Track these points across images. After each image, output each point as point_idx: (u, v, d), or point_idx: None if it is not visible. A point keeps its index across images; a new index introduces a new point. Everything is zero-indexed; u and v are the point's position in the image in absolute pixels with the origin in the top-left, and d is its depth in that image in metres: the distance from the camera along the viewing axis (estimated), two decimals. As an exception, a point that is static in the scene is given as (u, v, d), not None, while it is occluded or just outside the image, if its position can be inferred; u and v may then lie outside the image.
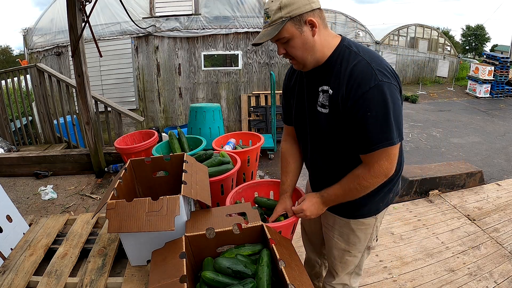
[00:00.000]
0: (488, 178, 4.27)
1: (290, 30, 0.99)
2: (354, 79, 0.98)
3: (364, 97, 0.96)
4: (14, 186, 2.80)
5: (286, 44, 1.03)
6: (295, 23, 0.98)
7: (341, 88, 1.01)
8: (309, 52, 1.03)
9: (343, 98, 1.01)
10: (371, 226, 1.30)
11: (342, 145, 1.12)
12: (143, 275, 1.08)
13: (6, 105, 4.16)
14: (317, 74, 1.11)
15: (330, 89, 1.06)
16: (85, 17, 2.54)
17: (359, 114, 0.98)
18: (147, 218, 0.99)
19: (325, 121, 1.11)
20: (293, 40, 1.00)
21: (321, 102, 1.10)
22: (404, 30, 13.11)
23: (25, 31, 6.64)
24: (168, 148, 2.07)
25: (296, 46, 1.02)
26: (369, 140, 1.01)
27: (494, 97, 10.73)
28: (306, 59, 1.05)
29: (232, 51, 6.42)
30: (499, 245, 2.56)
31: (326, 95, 1.07)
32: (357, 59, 1.00)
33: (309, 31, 1.00)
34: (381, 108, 0.97)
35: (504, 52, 14.60)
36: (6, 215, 1.26)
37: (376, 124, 0.98)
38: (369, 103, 0.96)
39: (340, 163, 1.18)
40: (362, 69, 0.98)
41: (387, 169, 1.05)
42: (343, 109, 1.02)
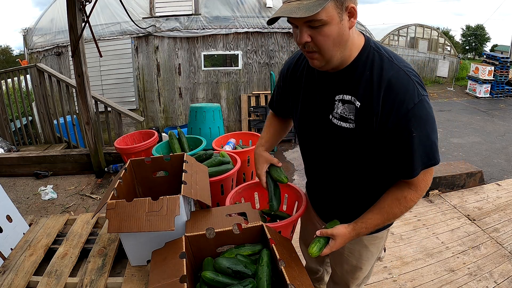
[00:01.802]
0: (488, 178, 4.27)
1: (331, 12, 0.78)
2: (396, 94, 0.83)
3: (409, 116, 0.83)
4: (14, 186, 2.81)
5: (317, 30, 0.80)
6: (337, 5, 0.78)
7: (375, 103, 0.85)
8: (340, 47, 0.84)
9: (381, 116, 0.85)
10: (383, 239, 1.23)
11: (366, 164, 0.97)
12: (143, 275, 1.08)
13: (6, 105, 4.16)
14: (336, 78, 0.93)
15: (356, 100, 0.89)
16: (85, 17, 2.54)
17: (404, 135, 0.85)
18: (147, 218, 0.99)
19: (348, 137, 0.94)
20: (329, 26, 0.79)
21: (340, 114, 0.93)
22: (404, 30, 13.11)
23: (25, 31, 6.64)
24: (168, 148, 2.07)
25: (330, 35, 0.81)
26: (414, 163, 0.88)
27: (494, 97, 10.73)
28: (334, 55, 0.85)
29: (232, 51, 6.42)
30: (499, 245, 2.56)
31: (350, 106, 0.91)
32: (393, 68, 0.86)
33: (347, 21, 0.82)
34: (426, 127, 0.85)
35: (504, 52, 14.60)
36: (6, 215, 1.26)
37: (423, 144, 0.86)
38: (414, 122, 0.83)
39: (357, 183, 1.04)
40: (402, 82, 0.84)
41: (429, 183, 0.95)
42: (380, 129, 0.87)
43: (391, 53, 0.90)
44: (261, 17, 6.20)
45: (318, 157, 1.09)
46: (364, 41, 0.90)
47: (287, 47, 6.43)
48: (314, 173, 1.19)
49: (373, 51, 0.89)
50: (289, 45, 6.43)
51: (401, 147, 0.87)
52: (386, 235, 1.23)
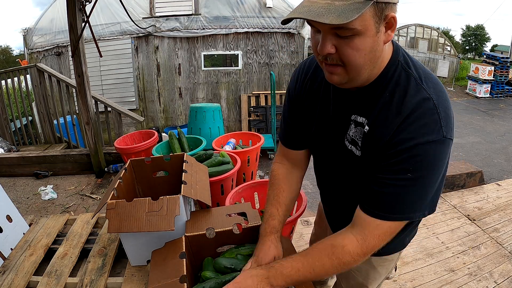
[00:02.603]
0: (488, 178, 4.27)
1: (367, 21, 0.61)
2: (411, 122, 0.67)
3: (415, 151, 0.67)
4: (14, 186, 2.81)
5: (345, 40, 0.63)
6: (376, 13, 0.61)
7: (386, 130, 0.70)
8: (370, 65, 0.68)
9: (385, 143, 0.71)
10: (393, 261, 1.10)
11: None
12: (143, 275, 1.08)
13: (6, 105, 4.16)
14: (354, 95, 0.78)
15: (366, 124, 0.75)
16: (85, 17, 2.54)
17: (397, 168, 0.69)
18: (147, 218, 0.99)
19: (353, 164, 0.82)
20: (362, 38, 0.62)
21: (352, 136, 0.80)
22: (404, 30, 13.11)
23: (25, 31, 6.63)
24: (168, 148, 2.08)
25: (362, 49, 0.64)
26: (390, 204, 0.72)
27: (494, 97, 10.73)
28: (360, 74, 0.69)
29: (232, 51, 6.42)
30: (499, 245, 2.56)
31: (361, 130, 0.77)
32: (421, 95, 0.68)
33: (383, 33, 0.65)
34: (428, 174, 0.69)
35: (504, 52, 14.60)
36: (6, 215, 1.26)
37: (411, 191, 0.70)
38: (418, 162, 0.67)
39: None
40: (425, 113, 0.67)
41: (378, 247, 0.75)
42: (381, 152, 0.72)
43: (422, 72, 0.72)
44: (261, 17, 6.20)
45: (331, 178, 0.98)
46: (392, 53, 0.73)
47: (287, 47, 6.43)
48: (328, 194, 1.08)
49: (401, 69, 0.72)
50: (289, 45, 6.43)
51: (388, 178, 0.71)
52: (397, 257, 1.10)
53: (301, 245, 2.35)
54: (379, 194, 0.73)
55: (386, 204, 0.72)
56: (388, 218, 0.72)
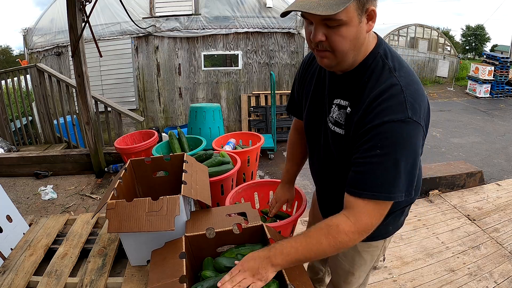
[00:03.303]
0: (488, 178, 4.27)
1: (351, 13, 0.74)
2: (379, 103, 0.78)
3: (381, 128, 0.76)
4: (14, 186, 2.81)
5: (333, 29, 0.76)
6: (359, 6, 0.75)
7: (359, 112, 0.82)
8: (354, 50, 0.81)
9: (359, 119, 0.82)
10: (379, 248, 1.16)
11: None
12: (143, 275, 1.08)
13: (6, 105, 4.16)
14: (338, 81, 0.91)
15: (348, 106, 0.87)
16: (85, 17, 2.54)
17: (367, 146, 0.79)
18: (147, 218, 0.99)
19: (337, 142, 0.92)
20: (347, 27, 0.76)
21: (335, 118, 0.91)
22: (404, 30, 13.11)
23: (25, 31, 6.64)
24: (168, 148, 2.08)
25: (347, 36, 0.77)
26: (365, 182, 0.79)
27: (494, 97, 10.73)
28: (346, 58, 0.82)
29: (232, 51, 6.43)
30: (499, 245, 2.56)
31: (344, 112, 0.89)
32: (391, 80, 0.80)
33: (365, 24, 0.78)
34: (396, 151, 0.76)
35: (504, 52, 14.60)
36: (6, 215, 1.26)
37: (382, 167, 0.77)
38: (384, 139, 0.76)
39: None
40: (392, 95, 0.78)
41: (371, 225, 0.82)
42: (353, 134, 0.84)
43: (397, 64, 0.83)
44: (261, 17, 6.20)
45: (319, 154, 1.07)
46: (375, 46, 0.86)
47: (287, 47, 6.44)
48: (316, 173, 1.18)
49: (380, 59, 0.84)
50: (289, 45, 6.43)
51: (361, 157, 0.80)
52: (382, 246, 1.16)
53: (301, 245, 2.35)
54: (357, 173, 0.81)
55: (362, 182, 0.80)
56: (368, 196, 0.79)
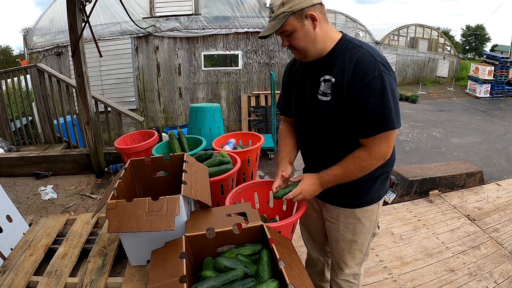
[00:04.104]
0: (488, 178, 4.28)
1: (292, 23, 1.07)
2: (360, 69, 1.06)
3: (369, 84, 1.05)
4: (14, 186, 2.81)
5: (290, 36, 1.11)
6: (296, 17, 1.06)
7: (345, 77, 1.09)
8: (310, 44, 1.11)
9: (348, 86, 1.08)
10: (375, 213, 1.35)
11: (342, 130, 1.18)
12: (143, 275, 1.08)
13: (6, 105, 4.16)
14: (320, 65, 1.18)
15: (332, 77, 1.13)
16: (85, 17, 2.54)
17: (364, 101, 1.06)
18: (147, 218, 0.99)
19: (326, 108, 1.17)
20: (296, 32, 1.09)
21: (322, 90, 1.17)
22: (404, 30, 13.12)
23: (25, 31, 6.64)
24: (168, 148, 2.07)
25: (298, 38, 1.10)
26: (371, 124, 1.08)
27: (494, 97, 10.73)
28: (307, 50, 1.13)
29: (232, 51, 6.42)
30: (499, 245, 2.56)
31: (328, 83, 1.15)
32: (361, 50, 1.09)
33: (310, 24, 1.08)
34: (383, 96, 1.05)
35: (504, 52, 14.60)
36: (6, 215, 1.26)
37: (379, 109, 1.06)
38: (373, 90, 1.05)
39: (340, 148, 1.23)
40: (366, 60, 1.06)
41: (386, 152, 1.13)
42: (347, 96, 1.10)
43: (361, 41, 1.14)
44: (261, 17, 6.20)
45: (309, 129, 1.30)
46: (341, 36, 1.17)
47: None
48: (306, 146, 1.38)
49: (347, 42, 1.14)
50: (289, 45, 6.43)
51: (362, 110, 1.08)
52: (377, 211, 1.36)
53: (301, 245, 2.34)
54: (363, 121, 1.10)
55: (370, 124, 1.09)
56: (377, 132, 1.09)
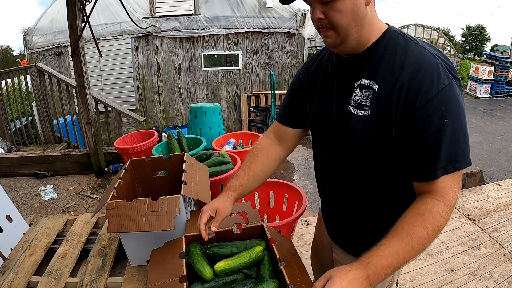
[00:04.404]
0: (488, 178, 4.28)
1: None
2: (423, 74, 0.72)
3: (440, 96, 0.71)
4: (14, 186, 2.81)
5: (329, 5, 0.74)
6: None
7: (397, 85, 0.75)
8: (356, 24, 0.77)
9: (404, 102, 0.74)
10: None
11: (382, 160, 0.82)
12: (143, 275, 1.08)
13: (6, 105, 4.16)
14: (355, 63, 0.84)
15: (375, 83, 0.79)
16: (85, 17, 2.54)
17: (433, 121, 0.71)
18: (147, 218, 0.98)
19: (361, 126, 0.81)
20: (342, 1, 0.73)
21: (357, 101, 0.82)
22: (404, 30, 13.08)
23: (25, 31, 6.64)
24: (168, 148, 2.08)
25: (345, 10, 0.74)
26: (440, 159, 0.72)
27: (494, 97, 10.72)
28: (349, 33, 0.77)
29: (232, 51, 6.43)
30: (499, 245, 2.56)
31: (368, 91, 0.80)
32: (419, 49, 0.77)
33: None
34: (459, 114, 0.72)
35: (504, 52, 14.60)
36: (6, 215, 1.26)
37: (455, 135, 0.72)
38: (447, 105, 0.71)
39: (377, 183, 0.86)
40: (430, 62, 0.74)
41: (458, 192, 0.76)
42: (401, 116, 0.75)
43: (417, 39, 0.81)
44: (261, 17, 6.20)
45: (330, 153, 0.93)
46: (388, 27, 0.83)
47: (287, 47, 6.44)
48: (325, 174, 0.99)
49: (397, 35, 0.81)
50: (289, 45, 6.43)
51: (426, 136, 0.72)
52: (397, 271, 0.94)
53: (301, 245, 2.34)
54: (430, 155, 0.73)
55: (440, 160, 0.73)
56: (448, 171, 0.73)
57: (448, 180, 0.74)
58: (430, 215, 0.72)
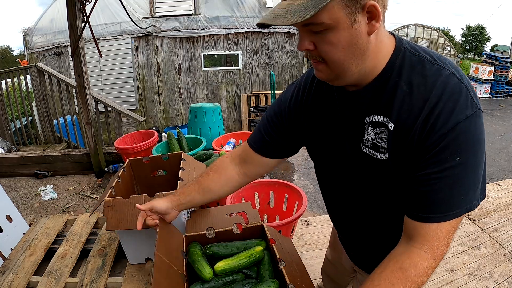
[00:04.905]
0: (488, 178, 4.27)
1: (336, 13, 0.57)
2: (445, 102, 0.60)
3: (458, 130, 0.59)
4: (14, 186, 2.81)
5: (320, 35, 0.60)
6: (347, 4, 0.57)
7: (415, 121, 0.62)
8: (355, 59, 0.62)
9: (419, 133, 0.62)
10: None
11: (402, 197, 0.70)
12: (143, 275, 1.08)
13: (6, 105, 4.16)
14: (362, 96, 0.70)
15: (389, 121, 0.66)
16: (85, 17, 2.54)
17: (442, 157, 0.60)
18: (147, 217, 0.98)
19: (379, 171, 0.71)
20: (336, 32, 0.59)
21: (372, 141, 0.70)
22: (404, 30, 13.12)
23: (25, 31, 6.64)
24: (168, 148, 2.08)
25: (338, 43, 0.60)
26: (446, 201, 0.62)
27: (494, 97, 10.73)
28: (346, 69, 0.64)
29: (232, 51, 6.43)
30: (499, 245, 2.56)
31: (383, 130, 0.67)
32: (441, 72, 0.62)
33: (365, 24, 0.59)
34: (476, 151, 0.61)
35: (504, 52, 14.60)
36: (6, 215, 1.26)
37: (465, 178, 0.61)
38: (463, 141, 0.60)
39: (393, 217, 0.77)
40: (454, 89, 0.60)
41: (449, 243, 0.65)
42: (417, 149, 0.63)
43: (432, 53, 0.66)
44: (261, 17, 6.20)
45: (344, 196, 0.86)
46: (395, 44, 0.67)
47: (287, 47, 6.44)
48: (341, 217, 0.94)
49: (409, 55, 0.65)
50: (289, 45, 6.43)
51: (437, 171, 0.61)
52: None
53: (301, 245, 2.34)
54: (429, 194, 0.63)
55: (440, 203, 0.62)
56: (446, 217, 0.62)
57: (444, 228, 0.63)
58: (414, 272, 0.61)
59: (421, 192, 0.64)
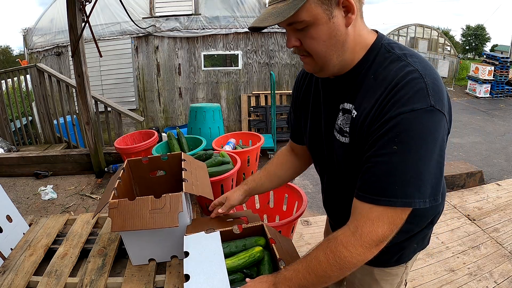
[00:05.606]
0: (488, 178, 4.28)
1: (313, 11, 0.64)
2: (395, 92, 0.65)
3: (399, 119, 0.63)
4: (14, 186, 2.81)
5: (303, 32, 0.68)
6: (323, 1, 0.64)
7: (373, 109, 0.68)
8: (335, 50, 0.70)
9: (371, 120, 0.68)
10: (399, 276, 0.97)
11: None
12: (143, 275, 1.08)
13: (6, 105, 4.16)
14: (340, 85, 0.78)
15: (353, 109, 0.73)
16: (85, 17, 2.54)
17: (382, 142, 0.65)
18: (151, 216, 0.99)
19: (342, 152, 0.79)
20: (316, 27, 0.66)
21: (340, 125, 0.78)
22: (404, 30, 13.11)
23: (25, 31, 6.64)
24: (168, 148, 2.08)
25: (319, 37, 0.67)
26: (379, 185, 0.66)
27: (494, 97, 10.73)
28: (329, 60, 0.71)
29: (232, 51, 6.43)
30: (499, 245, 2.56)
31: (348, 117, 0.75)
32: (405, 66, 0.67)
33: (341, 17, 0.67)
34: (418, 147, 0.63)
35: (504, 52, 14.60)
36: (6, 215, 1.26)
37: (400, 167, 0.64)
38: (403, 132, 0.63)
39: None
40: (409, 81, 0.64)
41: (380, 237, 0.67)
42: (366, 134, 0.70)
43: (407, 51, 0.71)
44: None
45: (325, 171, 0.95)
46: (375, 40, 0.74)
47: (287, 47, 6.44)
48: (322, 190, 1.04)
49: (384, 51, 0.71)
50: (289, 45, 6.43)
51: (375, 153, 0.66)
52: (403, 273, 0.97)
53: (301, 245, 2.35)
54: (368, 174, 0.68)
55: (375, 184, 0.66)
56: (378, 201, 0.66)
57: (376, 212, 0.66)
58: (334, 242, 0.70)
59: (362, 173, 0.70)
